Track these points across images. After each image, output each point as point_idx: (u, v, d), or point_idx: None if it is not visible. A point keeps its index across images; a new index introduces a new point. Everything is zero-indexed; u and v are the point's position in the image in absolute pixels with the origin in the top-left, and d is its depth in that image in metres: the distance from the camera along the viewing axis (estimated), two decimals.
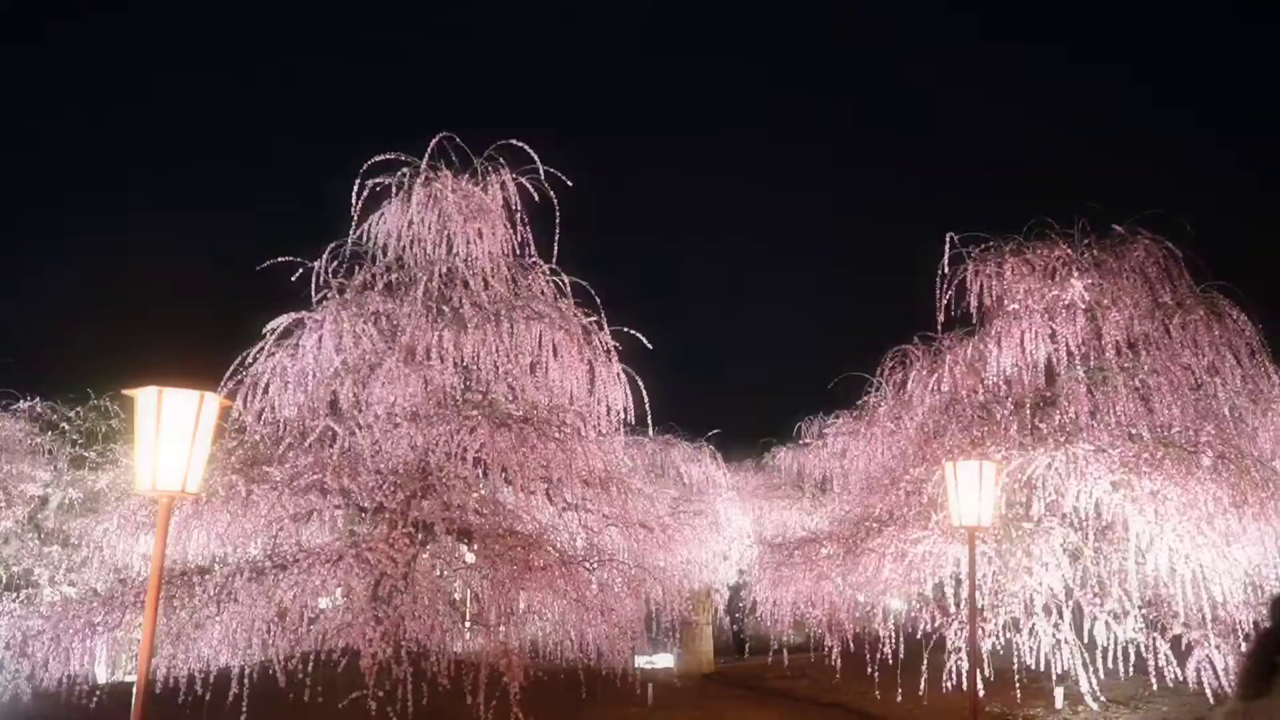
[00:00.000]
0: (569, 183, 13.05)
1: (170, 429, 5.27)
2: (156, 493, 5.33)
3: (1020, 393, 13.08)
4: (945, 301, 13.49)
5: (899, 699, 11.84)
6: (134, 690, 5.64)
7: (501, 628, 10.56)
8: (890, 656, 11.96)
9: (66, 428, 17.57)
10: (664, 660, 13.79)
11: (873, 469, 15.35)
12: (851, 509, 14.87)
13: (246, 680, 9.59)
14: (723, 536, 20.07)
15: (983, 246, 13.71)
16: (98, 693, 10.00)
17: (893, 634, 12.07)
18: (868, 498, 14.16)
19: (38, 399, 17.45)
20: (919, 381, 14.11)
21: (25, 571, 16.29)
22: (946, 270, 13.47)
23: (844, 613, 12.98)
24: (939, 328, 13.80)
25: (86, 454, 17.47)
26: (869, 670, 12.08)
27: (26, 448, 17.32)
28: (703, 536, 18.21)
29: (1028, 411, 12.69)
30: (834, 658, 12.55)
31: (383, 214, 12.74)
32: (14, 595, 14.03)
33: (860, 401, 16.40)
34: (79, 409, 17.76)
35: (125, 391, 5.38)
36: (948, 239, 13.54)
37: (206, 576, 10.17)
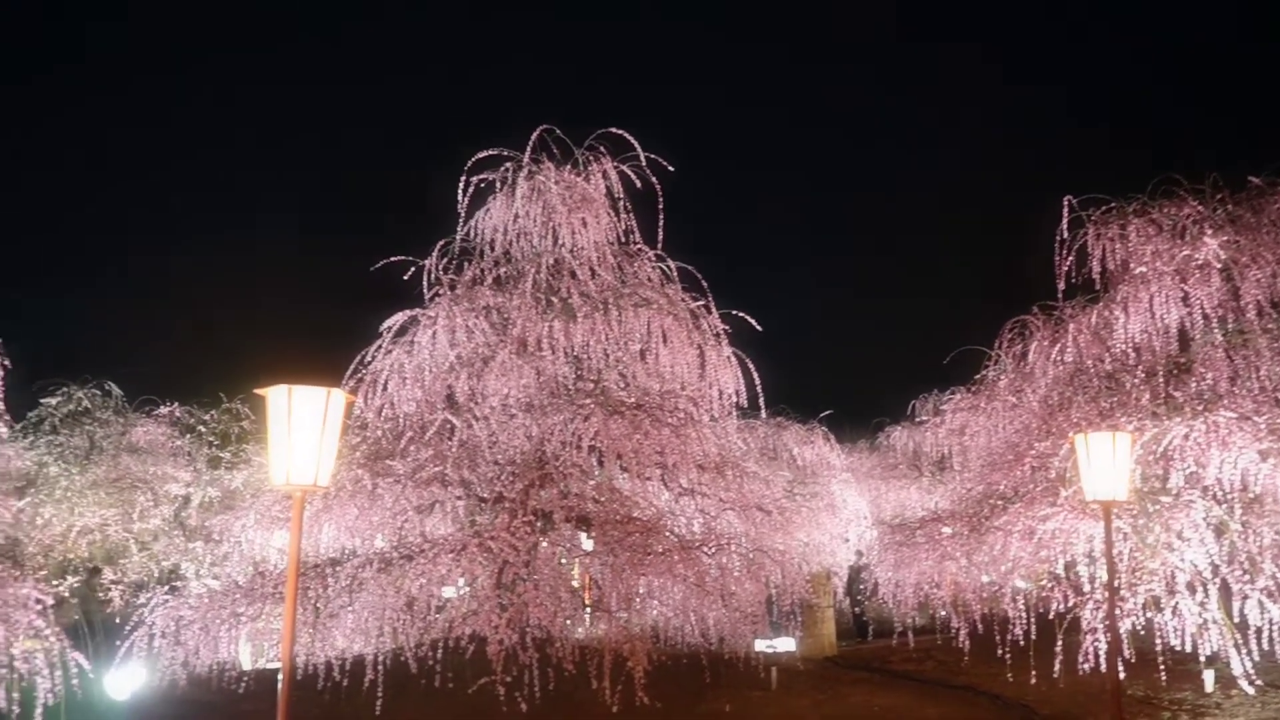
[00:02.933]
0: (670, 168, 13.02)
1: (300, 425, 5.46)
2: (290, 487, 5.53)
3: (1151, 360, 12.44)
4: (1065, 268, 12.93)
5: (1033, 681, 11.43)
6: (277, 676, 5.89)
7: (622, 613, 10.64)
8: (1021, 637, 11.56)
9: (203, 430, 18.58)
10: (785, 644, 13.65)
11: (994, 445, 14.86)
12: (973, 487, 14.42)
13: (380, 667, 9.93)
14: (839, 518, 19.83)
15: (1103, 209, 13.06)
16: (244, 678, 10.53)
17: (1023, 614, 11.66)
18: (990, 475, 13.70)
19: (176, 404, 18.52)
20: (1040, 353, 13.57)
21: (174, 566, 17.30)
22: (1066, 235, 12.89)
23: (970, 593, 12.61)
24: (1060, 295, 13.24)
25: (222, 454, 18.43)
26: (999, 652, 11.69)
27: (168, 450, 18.41)
28: (819, 519, 18.02)
29: (1161, 379, 12.05)
30: (961, 639, 12.21)
31: (488, 209, 12.96)
32: (165, 588, 14.86)
33: (978, 376, 15.90)
34: (212, 412, 18.75)
35: (257, 391, 5.59)
36: (1066, 202, 12.95)
37: (338, 568, 10.56)
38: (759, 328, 13.03)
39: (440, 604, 10.39)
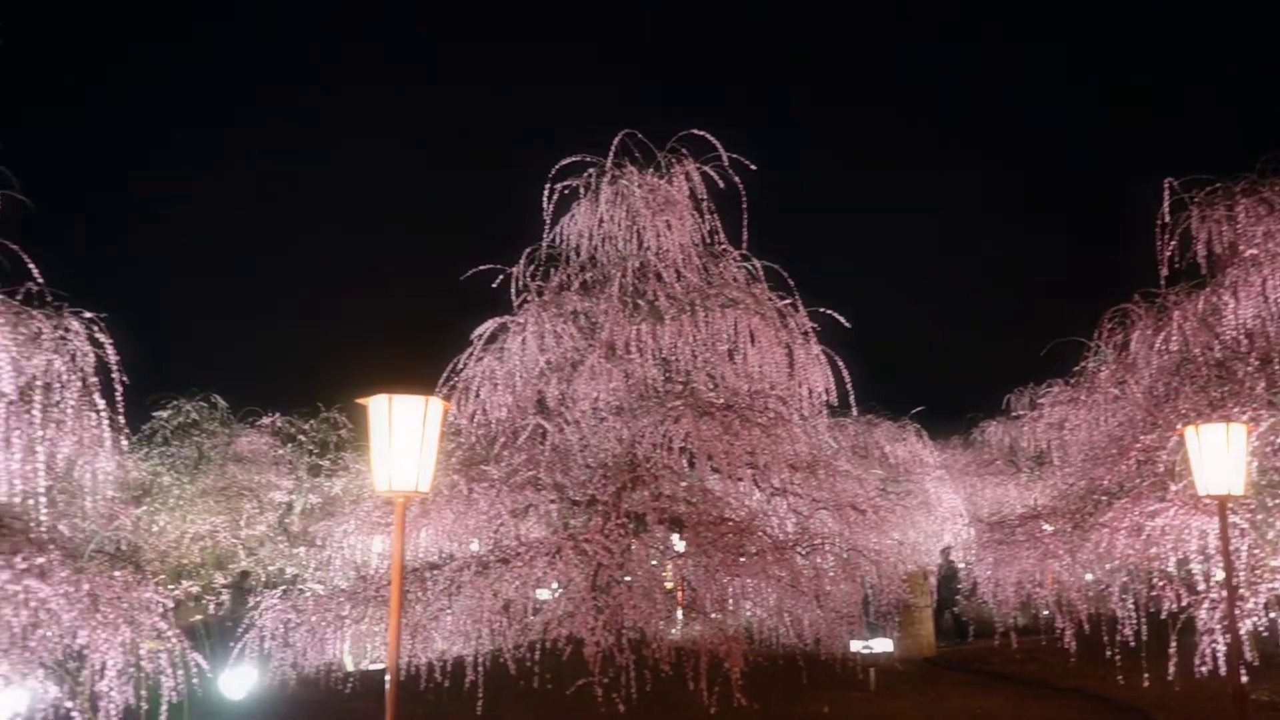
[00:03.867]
0: (752, 166, 12.97)
1: (401, 433, 5.61)
2: (392, 493, 5.68)
3: (1266, 347, 11.87)
4: (1168, 253, 12.43)
5: (1145, 684, 11.01)
6: (384, 677, 6.05)
7: (716, 614, 10.63)
8: (1132, 638, 11.15)
9: (303, 439, 19.19)
10: (882, 645, 13.43)
11: (1096, 438, 14.37)
12: (1075, 482, 13.98)
13: (480, 668, 10.12)
14: (934, 516, 19.43)
15: (1207, 190, 12.52)
16: (350, 679, 10.85)
17: (1133, 613, 11.25)
18: (1092, 470, 13.27)
19: (277, 414, 19.18)
20: (1143, 342, 13.07)
21: (279, 571, 17.92)
22: (1167, 219, 12.40)
23: (1074, 592, 12.23)
24: (1162, 282, 12.74)
25: (321, 462, 19.01)
26: (1108, 653, 11.30)
27: (271, 459, 19.08)
28: (913, 517, 17.69)
29: (1276, 366, 11.50)
30: (1067, 640, 11.84)
31: (573, 215, 13.10)
32: (273, 592, 15.41)
33: (1076, 368, 15.40)
34: (311, 421, 19.36)
35: (359, 401, 5.76)
36: (1166, 185, 12.45)
37: (436, 571, 10.79)
38: (847, 324, 12.89)
39: (537, 606, 10.53)
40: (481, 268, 12.38)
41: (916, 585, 15.47)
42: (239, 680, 11.38)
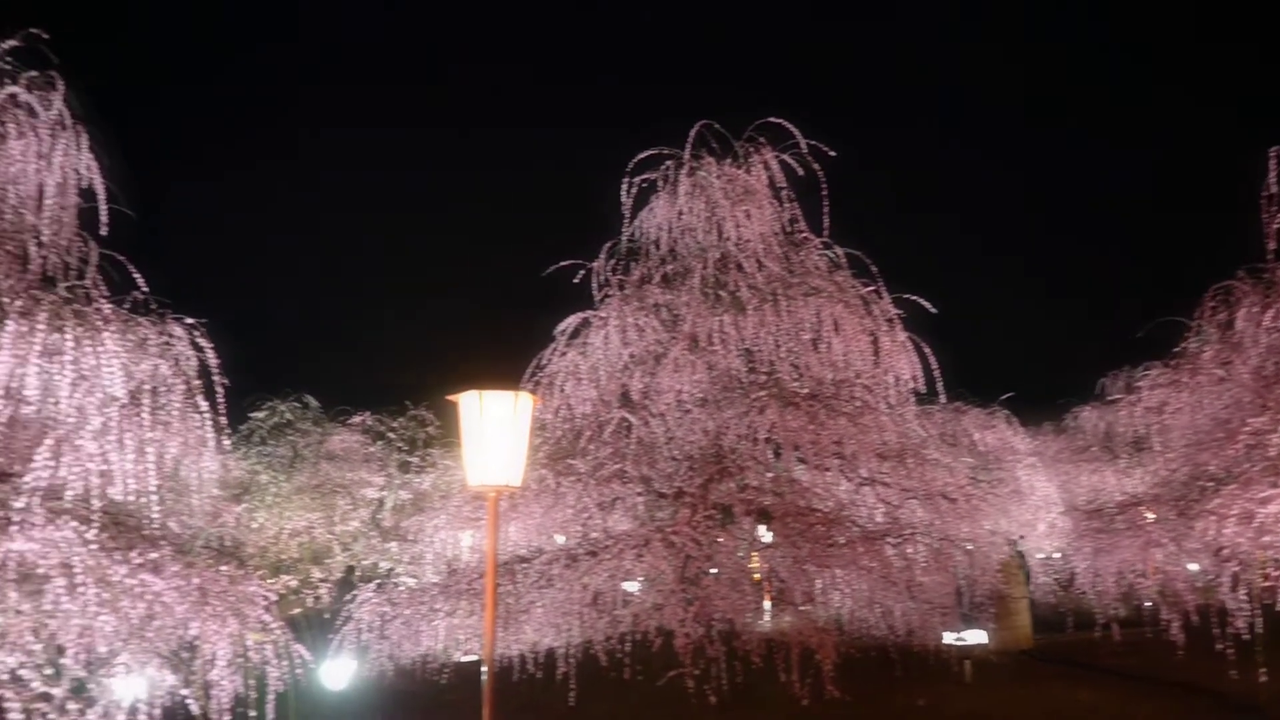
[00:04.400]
0: (831, 153, 12.78)
1: (492, 429, 5.69)
2: (485, 487, 5.78)
3: None
4: (1276, 225, 11.85)
5: (1262, 678, 10.54)
6: (477, 668, 6.16)
7: (806, 606, 10.55)
8: (1245, 631, 10.70)
9: (392, 437, 19.65)
10: (976, 636, 13.18)
11: (1200, 422, 13.79)
12: (1178, 468, 13.46)
13: (570, 660, 10.24)
14: (1027, 505, 18.93)
15: None
16: (444, 670, 11.09)
17: (1246, 605, 10.79)
18: (1197, 454, 12.75)
19: (367, 413, 19.66)
20: (1250, 319, 12.48)
21: (372, 565, 18.40)
22: (1275, 189, 11.82)
23: (1180, 582, 11.80)
24: (1269, 256, 12.15)
25: (410, 459, 19.43)
26: (1219, 646, 10.86)
27: (361, 456, 19.59)
28: (1006, 506, 17.27)
29: None
30: (1174, 632, 11.42)
31: (652, 208, 13.09)
32: (367, 586, 15.81)
33: (1177, 348, 14.79)
34: (400, 419, 19.80)
35: (450, 398, 5.87)
36: (1274, 155, 11.86)
37: (526, 565, 10.93)
38: (933, 309, 12.62)
39: (625, 599, 10.60)
40: (563, 264, 12.47)
41: (1011, 575, 15.12)
42: (339, 671, 11.71)
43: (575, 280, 12.48)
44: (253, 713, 7.81)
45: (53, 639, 6.59)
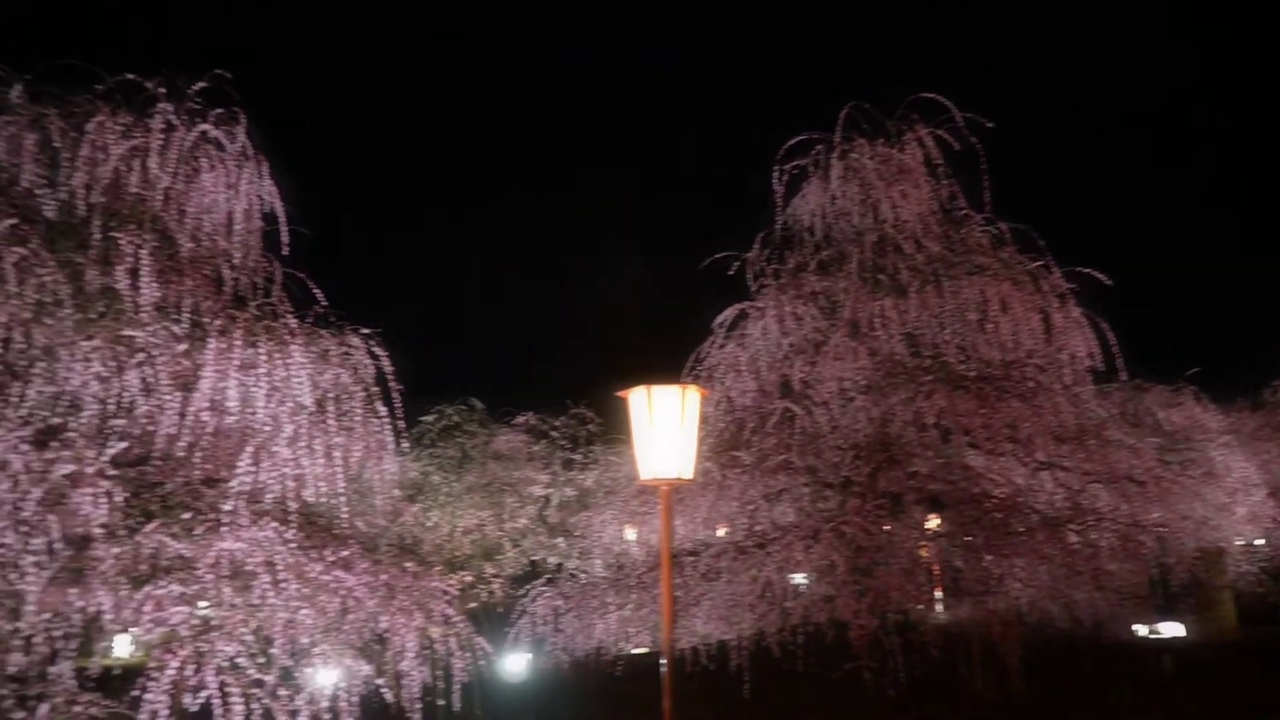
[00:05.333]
0: (989, 124, 12.26)
1: (661, 423, 5.74)
2: (656, 480, 5.82)
3: None
4: None
5: None
6: (649, 660, 6.22)
7: (984, 596, 10.16)
8: None
9: (555, 435, 20.15)
10: (1172, 629, 12.35)
11: None
12: None
13: (742, 652, 10.21)
14: (1223, 487, 17.60)
15: None
16: (618, 662, 11.27)
17: None
18: None
19: (530, 413, 20.24)
20: None
21: (541, 560, 18.94)
22: None
23: None
24: None
25: (573, 456, 19.88)
26: None
27: (526, 455, 20.17)
28: (1198, 489, 16.11)
29: None
30: None
31: (804, 194, 12.90)
32: (538, 581, 16.29)
33: None
34: (562, 418, 20.29)
35: (618, 394, 5.95)
36: None
37: (694, 558, 10.98)
38: (1107, 282, 11.92)
39: (795, 590, 10.50)
40: (717, 256, 12.46)
41: (1211, 564, 14.10)
42: (517, 663, 12.09)
43: (730, 272, 12.46)
44: (440, 702, 8.12)
45: (260, 631, 7.05)
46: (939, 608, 11.37)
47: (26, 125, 8.15)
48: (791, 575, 10.80)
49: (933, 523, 11.35)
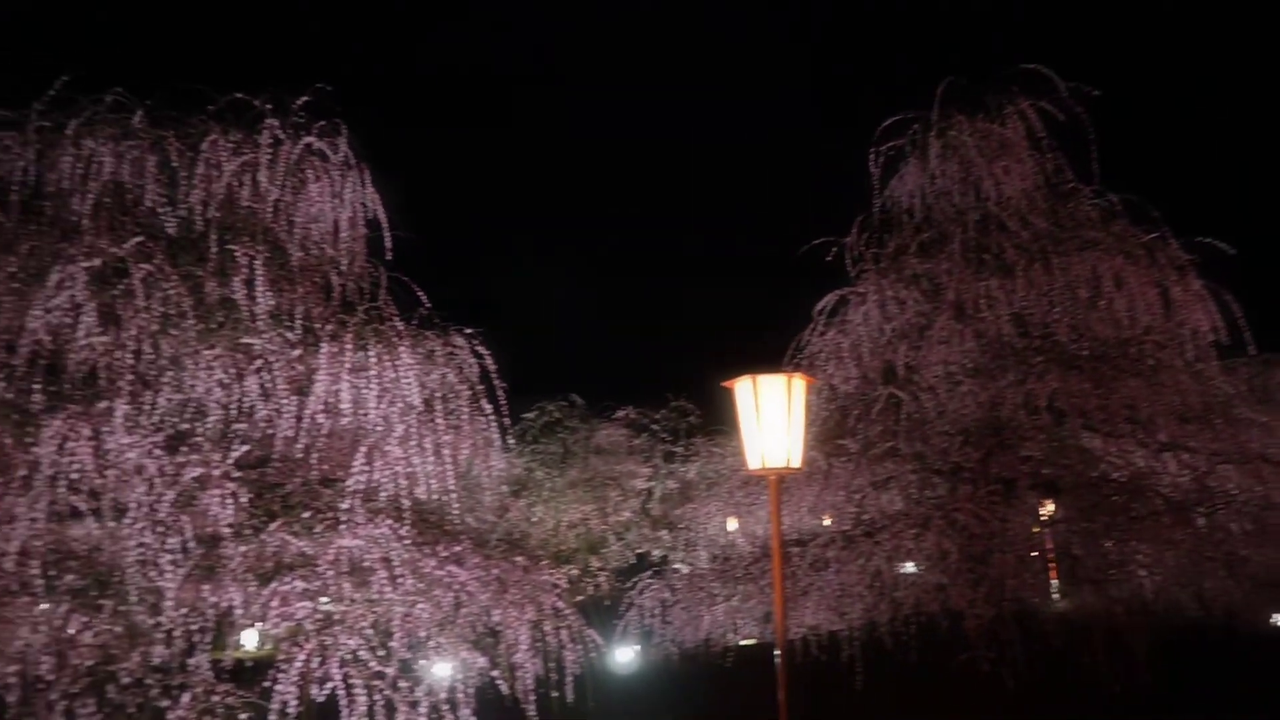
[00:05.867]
0: (1095, 93, 11.80)
1: (768, 412, 5.70)
2: (765, 470, 5.79)
3: None
4: None
5: None
6: (758, 652, 6.18)
7: (1108, 585, 9.80)
8: None
9: (655, 428, 20.20)
10: None
11: None
12: None
13: (853, 642, 10.08)
14: None
15: None
16: (728, 654, 11.27)
17: None
18: None
19: (630, 407, 20.34)
20: None
21: (646, 553, 19.05)
22: None
23: None
24: None
25: (675, 449, 19.89)
26: None
27: (627, 449, 20.27)
28: None
29: None
30: None
31: (901, 176, 12.65)
32: (645, 573, 16.40)
33: None
34: (662, 411, 20.32)
35: (724, 384, 5.94)
36: None
37: (800, 548, 10.89)
38: (1230, 251, 11.33)
39: (906, 580, 10.31)
40: (815, 242, 12.30)
41: None
42: (626, 655, 12.20)
43: (828, 258, 12.29)
44: (554, 693, 8.24)
45: (379, 625, 7.28)
46: (1059, 595, 11.03)
47: (148, 148, 8.58)
48: (901, 565, 10.61)
49: (1048, 508, 11.02)
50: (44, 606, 6.57)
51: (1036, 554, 11.02)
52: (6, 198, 8.27)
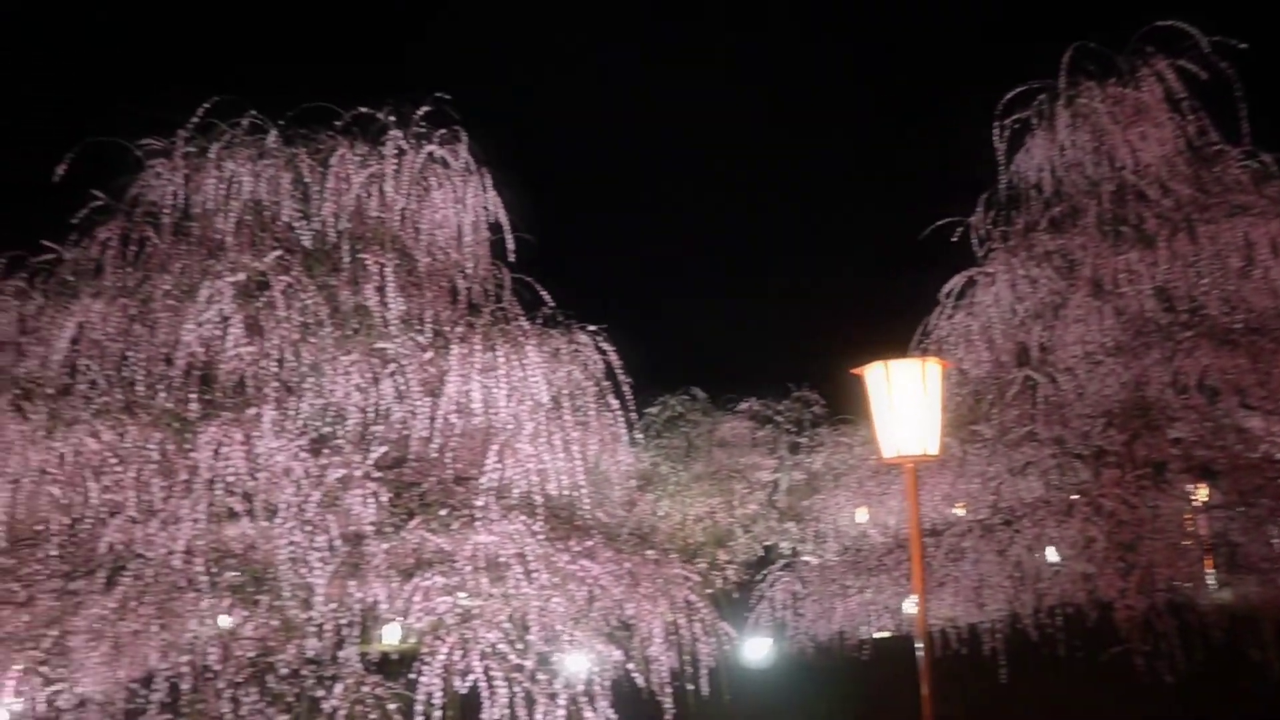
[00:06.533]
0: (1242, 45, 11.05)
1: (901, 398, 5.56)
2: (901, 458, 5.65)
3: None
4: None
5: None
6: (894, 644, 6.03)
7: (1275, 574, 9.19)
8: None
9: (779, 420, 20.01)
10: None
11: None
12: None
13: (995, 636, 9.75)
14: None
15: None
16: (864, 646, 11.07)
17: None
18: None
19: (753, 399, 20.22)
20: None
21: (772, 546, 18.89)
22: None
23: None
24: None
25: (799, 440, 19.66)
26: None
27: (751, 441, 20.16)
28: None
29: None
30: None
31: (1028, 149, 12.14)
32: (774, 566, 16.26)
33: None
34: (785, 401, 20.13)
35: (854, 371, 5.81)
36: None
37: (935, 538, 10.60)
38: None
39: (1050, 569, 9.91)
40: (939, 222, 11.94)
41: None
42: (759, 648, 12.13)
43: (954, 239, 11.92)
44: (689, 686, 8.25)
45: (516, 618, 7.43)
46: (1210, 585, 10.42)
47: (282, 166, 9.00)
48: (1043, 553, 10.21)
49: (1201, 493, 10.42)
50: (209, 602, 6.96)
51: (1190, 541, 10.43)
52: (159, 221, 8.81)
